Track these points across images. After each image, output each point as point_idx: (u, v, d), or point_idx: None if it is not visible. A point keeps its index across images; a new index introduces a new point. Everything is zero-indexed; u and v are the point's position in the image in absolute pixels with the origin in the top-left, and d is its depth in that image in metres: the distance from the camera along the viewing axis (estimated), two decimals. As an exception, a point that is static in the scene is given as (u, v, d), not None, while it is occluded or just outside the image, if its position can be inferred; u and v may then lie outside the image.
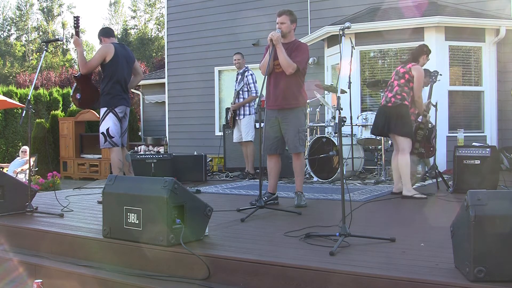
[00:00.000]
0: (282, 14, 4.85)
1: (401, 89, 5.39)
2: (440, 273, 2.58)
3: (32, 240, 3.97)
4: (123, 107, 5.38)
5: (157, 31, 40.99)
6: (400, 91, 5.39)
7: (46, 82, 24.37)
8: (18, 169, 10.59)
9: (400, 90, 5.40)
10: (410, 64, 5.48)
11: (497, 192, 2.65)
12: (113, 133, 5.30)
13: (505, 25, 8.37)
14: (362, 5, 9.71)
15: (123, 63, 5.40)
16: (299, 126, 4.86)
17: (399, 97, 5.39)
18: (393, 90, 5.46)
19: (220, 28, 11.56)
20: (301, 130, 4.88)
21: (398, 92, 5.41)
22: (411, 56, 5.62)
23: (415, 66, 5.44)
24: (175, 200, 3.26)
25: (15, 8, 43.62)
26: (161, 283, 3.03)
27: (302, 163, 4.99)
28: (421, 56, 5.54)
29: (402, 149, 5.37)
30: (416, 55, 5.56)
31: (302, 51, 4.80)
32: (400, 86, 5.41)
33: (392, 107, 5.42)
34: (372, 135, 6.37)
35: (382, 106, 5.58)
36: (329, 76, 9.77)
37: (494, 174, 5.69)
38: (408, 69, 5.44)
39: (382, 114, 5.54)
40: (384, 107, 5.53)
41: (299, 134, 4.84)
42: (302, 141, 4.88)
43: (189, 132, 12.16)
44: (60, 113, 15.61)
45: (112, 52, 5.28)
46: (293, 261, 2.86)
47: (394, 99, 5.40)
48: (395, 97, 5.40)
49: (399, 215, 4.61)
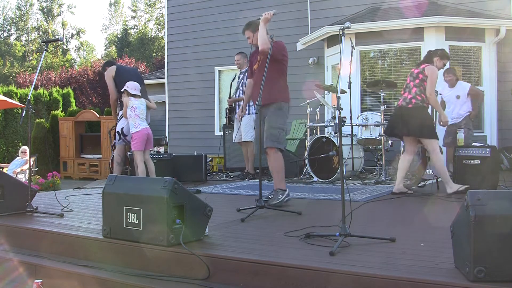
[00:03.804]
0: (243, 31, 5.19)
1: (419, 90, 5.41)
2: (440, 273, 2.58)
3: (32, 240, 3.97)
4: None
5: (157, 31, 41.03)
6: (419, 92, 5.40)
7: (46, 82, 24.37)
8: (18, 169, 10.58)
9: (419, 91, 5.41)
10: (424, 64, 5.52)
11: (497, 192, 2.65)
12: (126, 132, 6.01)
13: (505, 25, 8.37)
14: (362, 5, 9.71)
15: (129, 72, 6.47)
16: (272, 122, 4.85)
17: (419, 98, 5.40)
18: (411, 91, 5.46)
19: (220, 28, 11.55)
20: (275, 126, 4.85)
21: (417, 93, 5.41)
22: (424, 58, 5.71)
23: (429, 66, 5.47)
24: (175, 200, 3.26)
25: (15, 8, 43.68)
26: (161, 283, 3.03)
27: (274, 160, 4.84)
28: (433, 58, 5.59)
29: (433, 150, 5.41)
30: (429, 57, 5.64)
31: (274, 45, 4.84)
32: (417, 86, 5.42)
33: (412, 109, 5.42)
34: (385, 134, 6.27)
35: (401, 107, 5.55)
36: (329, 76, 9.77)
37: (494, 174, 5.69)
38: (421, 69, 5.47)
39: (400, 115, 5.52)
40: (403, 108, 5.51)
41: (271, 129, 4.83)
42: (274, 137, 4.81)
43: (189, 132, 12.16)
44: (60, 113, 15.62)
45: (113, 69, 6.22)
46: (293, 261, 2.85)
47: (415, 100, 5.40)
48: (416, 98, 5.40)
49: (399, 215, 4.61)
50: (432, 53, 5.67)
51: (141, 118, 5.84)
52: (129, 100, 5.83)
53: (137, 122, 5.80)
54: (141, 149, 5.81)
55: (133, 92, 5.85)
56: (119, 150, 6.19)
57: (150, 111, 6.28)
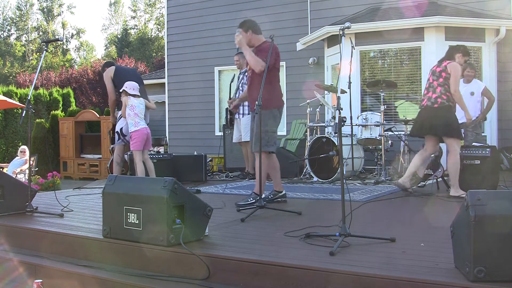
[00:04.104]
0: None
1: (444, 89, 5.36)
2: (440, 273, 2.58)
3: (32, 240, 3.97)
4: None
5: (157, 31, 41.02)
6: (444, 91, 5.36)
7: (46, 82, 24.37)
8: (17, 169, 10.58)
9: (444, 90, 5.36)
10: (446, 62, 5.47)
11: (497, 192, 2.65)
12: (126, 132, 6.01)
13: (505, 25, 8.37)
14: (362, 5, 9.71)
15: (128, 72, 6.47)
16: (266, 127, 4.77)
17: (445, 97, 5.36)
18: (436, 90, 5.41)
19: (220, 28, 11.55)
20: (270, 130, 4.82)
21: (442, 92, 5.37)
22: (446, 54, 5.61)
23: (451, 63, 5.41)
24: (175, 200, 3.25)
25: (15, 8, 43.67)
26: (161, 283, 3.03)
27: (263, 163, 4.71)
28: (456, 54, 5.52)
29: (454, 151, 5.37)
30: (451, 53, 5.56)
31: (262, 51, 4.84)
32: (441, 85, 5.38)
33: (438, 109, 5.38)
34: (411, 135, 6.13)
35: (426, 108, 5.51)
36: (329, 76, 9.77)
37: (494, 174, 5.68)
38: (443, 67, 5.42)
39: (426, 115, 5.48)
40: (429, 108, 5.46)
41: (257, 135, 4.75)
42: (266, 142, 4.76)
43: (189, 132, 12.16)
44: (60, 113, 15.62)
45: (112, 70, 6.19)
46: (293, 261, 2.85)
47: (441, 100, 5.36)
48: (441, 98, 5.36)
49: (399, 215, 4.61)
50: (454, 49, 5.56)
51: (140, 117, 5.84)
52: (128, 99, 5.83)
53: (136, 121, 5.79)
54: (140, 149, 5.80)
55: (132, 92, 5.85)
56: (119, 150, 6.22)
57: (150, 111, 6.30)
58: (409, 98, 8.89)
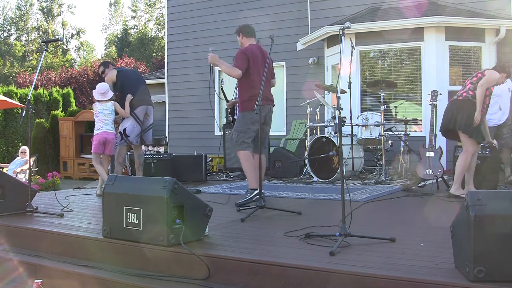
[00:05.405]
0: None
1: (473, 87, 5.31)
2: (440, 273, 2.58)
3: (32, 240, 3.97)
4: (142, 107, 6.24)
5: (157, 31, 41.03)
6: (472, 88, 5.31)
7: (46, 82, 24.38)
8: (18, 169, 10.58)
9: (472, 87, 5.32)
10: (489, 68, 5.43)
11: (497, 192, 2.65)
12: (129, 132, 6.15)
13: (505, 25, 8.36)
14: (362, 5, 9.71)
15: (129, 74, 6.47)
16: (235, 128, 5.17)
17: (471, 93, 5.29)
18: (465, 87, 5.39)
19: (220, 28, 11.54)
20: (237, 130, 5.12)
21: (470, 88, 5.32)
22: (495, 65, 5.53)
23: (491, 70, 5.33)
24: (175, 200, 3.26)
25: (15, 8, 43.66)
26: (161, 283, 3.03)
27: (242, 161, 5.05)
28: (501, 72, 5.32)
29: (465, 151, 5.30)
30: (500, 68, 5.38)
31: (239, 53, 5.24)
32: (472, 83, 5.34)
33: (462, 101, 5.31)
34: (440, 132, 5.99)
35: (451, 101, 5.48)
36: (329, 76, 9.76)
37: (494, 174, 5.68)
38: (483, 70, 5.38)
39: (450, 108, 5.43)
40: (453, 101, 5.44)
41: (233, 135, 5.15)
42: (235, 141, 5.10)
43: (189, 132, 12.16)
44: (60, 113, 15.61)
45: (114, 74, 6.23)
46: (293, 261, 2.86)
47: (466, 94, 5.31)
48: (467, 92, 5.31)
49: (399, 215, 4.61)
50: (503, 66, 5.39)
51: (104, 122, 5.99)
52: (94, 105, 6.09)
53: (99, 125, 6.01)
54: (95, 151, 5.99)
55: (98, 98, 6.02)
56: (121, 150, 6.28)
57: (153, 112, 6.43)
58: (409, 98, 8.90)
